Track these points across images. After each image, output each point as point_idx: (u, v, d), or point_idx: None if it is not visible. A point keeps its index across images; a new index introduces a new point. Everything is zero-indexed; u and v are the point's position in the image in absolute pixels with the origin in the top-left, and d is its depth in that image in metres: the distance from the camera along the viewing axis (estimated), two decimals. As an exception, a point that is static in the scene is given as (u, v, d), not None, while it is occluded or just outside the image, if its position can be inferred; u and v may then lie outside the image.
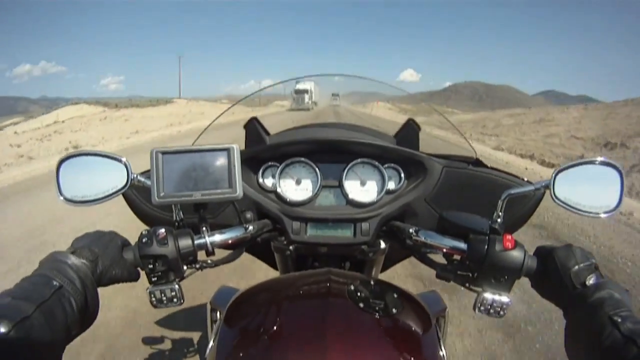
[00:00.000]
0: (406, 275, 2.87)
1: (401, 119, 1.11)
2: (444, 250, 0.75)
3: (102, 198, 0.70)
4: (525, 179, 0.91)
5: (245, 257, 0.96)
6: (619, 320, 0.52)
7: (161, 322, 2.34)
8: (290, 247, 0.95)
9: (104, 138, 13.54)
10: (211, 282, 2.45)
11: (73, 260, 0.58)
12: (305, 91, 45.32)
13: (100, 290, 0.62)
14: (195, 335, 2.17)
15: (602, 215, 0.69)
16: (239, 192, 0.70)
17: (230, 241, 0.79)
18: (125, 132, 15.52)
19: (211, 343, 0.76)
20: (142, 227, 0.73)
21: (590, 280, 0.61)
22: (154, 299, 0.69)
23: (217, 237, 0.76)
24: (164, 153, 0.69)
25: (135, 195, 0.95)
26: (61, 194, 0.70)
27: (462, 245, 0.72)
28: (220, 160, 0.70)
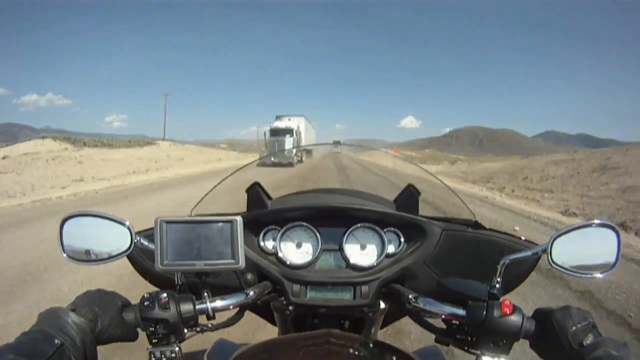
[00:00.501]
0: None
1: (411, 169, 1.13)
2: (443, 316, 0.75)
3: (106, 259, 0.72)
4: (523, 238, 0.92)
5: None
6: None
7: None
8: (290, 308, 0.95)
9: (33, 186, 11.45)
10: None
11: (73, 318, 0.59)
12: (288, 132, 28.33)
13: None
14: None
15: (598, 276, 0.71)
16: (242, 263, 0.72)
17: (231, 306, 0.79)
18: (68, 178, 13.33)
19: None
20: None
21: (588, 340, 0.61)
22: (154, 358, 0.69)
23: (219, 303, 0.76)
24: (168, 222, 0.71)
25: (139, 255, 0.96)
26: (64, 250, 0.72)
27: (461, 311, 0.72)
28: (224, 232, 0.72)
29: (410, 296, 0.81)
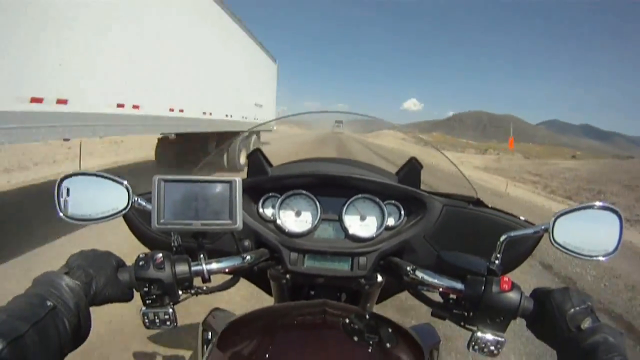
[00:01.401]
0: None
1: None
2: (441, 289, 0.75)
3: (102, 218, 0.71)
4: (524, 219, 0.92)
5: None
6: None
7: (152, 338, 2.32)
8: (287, 276, 0.95)
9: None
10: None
11: (67, 281, 0.59)
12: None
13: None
14: (187, 353, 2.15)
15: (601, 259, 0.70)
16: (239, 224, 0.71)
17: (227, 269, 0.79)
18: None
19: None
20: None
21: (586, 324, 0.61)
22: (147, 320, 0.70)
23: (214, 265, 0.76)
24: (166, 181, 0.70)
25: (135, 216, 0.95)
26: (60, 209, 0.71)
27: (459, 285, 0.72)
28: (222, 192, 0.71)
29: (408, 268, 0.81)
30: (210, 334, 0.98)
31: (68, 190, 0.71)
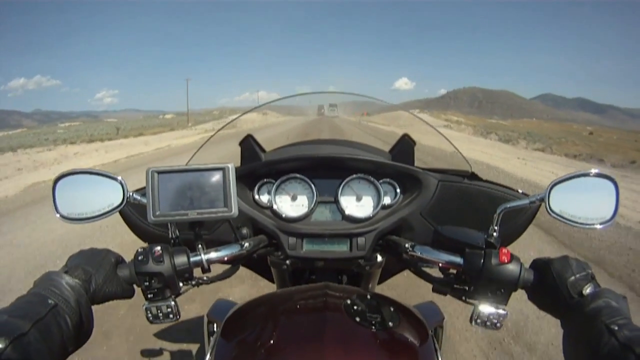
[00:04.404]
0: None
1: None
2: (440, 264, 0.75)
3: (99, 215, 0.71)
4: (521, 192, 0.91)
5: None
6: (616, 328, 0.52)
7: (159, 335, 2.34)
8: (287, 262, 0.95)
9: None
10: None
11: (67, 279, 0.59)
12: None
13: None
14: (194, 347, 2.16)
15: (598, 227, 0.69)
16: (234, 210, 0.70)
17: (226, 258, 0.79)
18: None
19: (208, 356, 0.77)
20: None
21: (587, 290, 0.61)
22: (150, 315, 0.70)
23: (213, 255, 0.76)
24: (159, 172, 0.70)
25: (132, 212, 0.95)
26: (57, 211, 0.71)
27: (458, 259, 0.72)
28: (216, 179, 0.71)
29: (407, 245, 0.81)
30: (214, 325, 0.98)
31: (64, 190, 0.71)
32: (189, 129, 30.79)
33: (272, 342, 0.62)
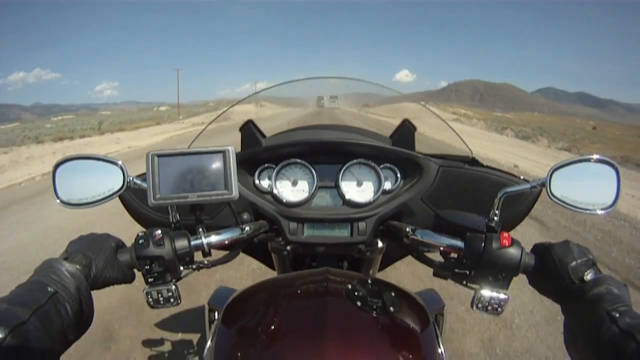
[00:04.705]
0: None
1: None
2: (441, 248, 0.75)
3: (99, 200, 0.70)
4: (522, 177, 0.91)
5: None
6: (617, 315, 0.52)
7: (160, 324, 2.35)
8: (288, 248, 0.95)
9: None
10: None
11: (67, 266, 0.59)
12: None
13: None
14: (195, 337, 2.18)
15: (599, 212, 0.68)
16: (235, 193, 0.70)
17: (226, 242, 0.79)
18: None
19: (209, 343, 0.76)
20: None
21: (588, 276, 0.61)
22: (150, 299, 0.70)
23: (214, 238, 0.76)
24: (159, 156, 0.69)
25: (132, 197, 0.95)
26: (58, 196, 0.70)
27: (459, 243, 0.72)
28: (216, 163, 0.70)
29: (407, 229, 0.81)
30: (216, 312, 0.99)
31: (64, 175, 0.71)
32: (177, 122, 29.61)
33: (272, 327, 0.62)
